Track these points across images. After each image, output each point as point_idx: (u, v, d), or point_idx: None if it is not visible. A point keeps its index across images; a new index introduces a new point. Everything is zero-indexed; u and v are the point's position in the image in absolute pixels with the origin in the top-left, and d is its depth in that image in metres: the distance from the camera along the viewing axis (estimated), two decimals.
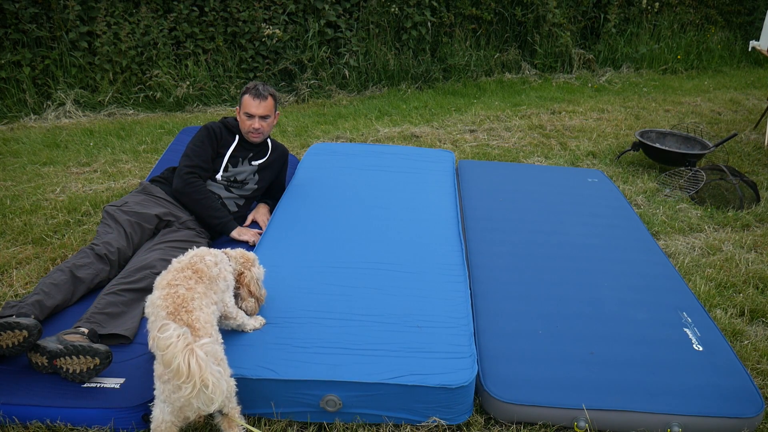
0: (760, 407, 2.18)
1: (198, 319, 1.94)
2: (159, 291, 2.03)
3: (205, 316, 1.98)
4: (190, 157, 3.12)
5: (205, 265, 2.16)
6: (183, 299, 1.98)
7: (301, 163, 4.02)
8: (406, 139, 5.48)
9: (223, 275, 2.23)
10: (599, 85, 7.54)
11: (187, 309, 1.96)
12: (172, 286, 2.02)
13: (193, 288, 2.04)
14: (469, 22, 7.63)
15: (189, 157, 3.12)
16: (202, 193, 3.08)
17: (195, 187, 3.07)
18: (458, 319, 2.46)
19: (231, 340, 2.27)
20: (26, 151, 4.92)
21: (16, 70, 5.86)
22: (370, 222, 3.22)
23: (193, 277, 2.09)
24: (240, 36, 6.58)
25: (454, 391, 2.11)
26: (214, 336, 1.96)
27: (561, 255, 3.16)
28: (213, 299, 2.10)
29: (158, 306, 1.97)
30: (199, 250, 2.26)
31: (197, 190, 3.07)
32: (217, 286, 2.17)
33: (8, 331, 2.11)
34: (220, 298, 2.17)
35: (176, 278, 2.06)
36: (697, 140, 4.85)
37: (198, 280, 2.09)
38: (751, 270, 3.33)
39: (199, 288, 2.06)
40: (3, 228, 3.57)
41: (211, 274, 2.15)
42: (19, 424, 2.10)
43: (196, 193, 3.07)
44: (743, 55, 8.83)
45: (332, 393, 2.11)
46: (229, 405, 1.96)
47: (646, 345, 2.47)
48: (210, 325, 1.97)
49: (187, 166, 3.10)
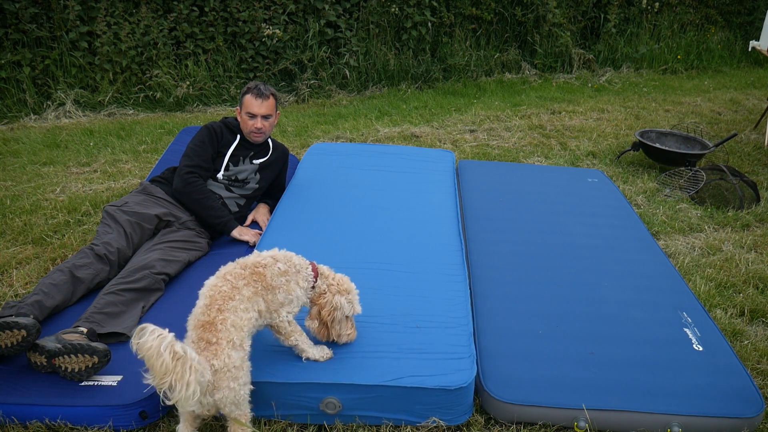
0: (760, 407, 2.18)
1: (225, 320, 1.88)
2: (215, 279, 2.01)
3: (236, 319, 1.91)
4: (191, 156, 3.12)
5: (269, 271, 2.06)
6: (222, 296, 1.94)
7: (301, 163, 4.02)
8: (406, 139, 5.48)
9: (288, 288, 2.09)
10: (599, 85, 7.54)
11: (219, 307, 1.91)
12: (223, 280, 1.99)
13: (238, 288, 1.97)
14: (469, 22, 7.62)
15: (189, 157, 3.12)
16: (202, 192, 3.08)
17: (195, 186, 3.07)
18: (458, 319, 2.46)
19: None
20: (26, 151, 4.92)
21: (16, 70, 5.86)
22: (370, 222, 3.22)
23: (247, 278, 2.01)
24: (240, 36, 6.58)
25: (453, 392, 2.11)
26: (238, 342, 1.89)
27: (561, 255, 3.16)
28: (258, 307, 2.01)
29: (203, 293, 1.97)
30: (284, 253, 2.16)
31: (197, 190, 3.07)
32: (274, 296, 2.06)
33: (7, 331, 2.11)
34: (272, 309, 2.07)
35: (233, 273, 2.02)
36: (697, 140, 4.85)
37: (249, 283, 2.00)
38: (751, 270, 3.33)
39: (246, 291, 1.98)
40: (3, 228, 3.57)
41: (270, 282, 2.05)
42: (19, 424, 2.10)
43: (196, 193, 3.07)
44: (743, 55, 8.83)
45: (332, 396, 2.11)
46: (237, 411, 1.91)
47: (646, 345, 2.47)
48: (237, 329, 1.90)
49: (188, 166, 3.09)
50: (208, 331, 1.87)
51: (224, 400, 1.86)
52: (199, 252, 3.03)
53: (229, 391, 1.85)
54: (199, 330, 1.89)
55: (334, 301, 2.18)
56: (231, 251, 3.12)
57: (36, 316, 2.35)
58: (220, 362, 1.82)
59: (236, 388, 1.87)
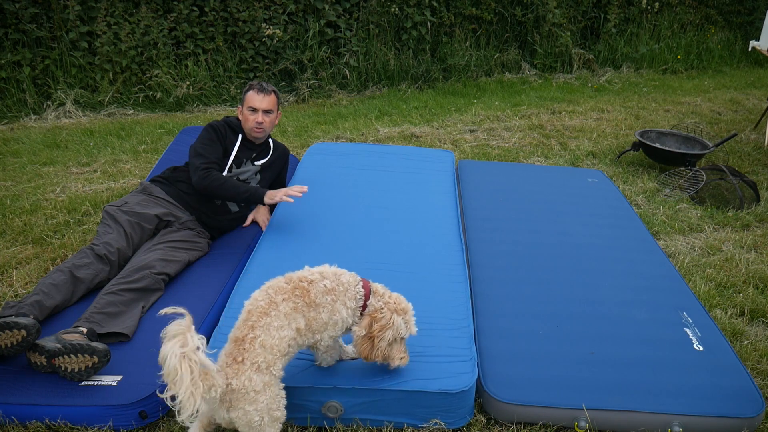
0: (760, 407, 2.18)
1: (255, 339, 1.81)
2: (258, 291, 1.94)
3: (267, 338, 1.82)
4: (204, 155, 3.10)
5: (314, 287, 1.94)
6: (257, 311, 1.86)
7: (301, 163, 4.02)
8: (406, 139, 5.47)
9: (333, 308, 1.97)
10: (599, 85, 7.54)
11: (252, 324, 1.84)
12: (264, 293, 1.91)
13: (276, 303, 1.88)
14: (469, 22, 7.62)
15: (203, 155, 3.10)
16: (221, 178, 3.07)
17: (213, 176, 3.05)
18: (458, 321, 2.45)
19: None
20: (26, 151, 4.92)
21: (16, 70, 5.86)
22: (370, 222, 3.22)
23: (288, 292, 1.91)
24: (240, 36, 6.58)
25: (455, 396, 2.11)
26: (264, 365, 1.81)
27: (561, 255, 3.15)
28: (296, 324, 1.90)
29: (245, 305, 1.91)
30: (334, 270, 2.03)
31: (217, 177, 3.05)
32: (317, 314, 1.94)
33: (7, 331, 2.11)
34: (315, 329, 1.96)
35: (275, 286, 1.93)
36: (697, 140, 4.85)
37: (289, 298, 1.90)
38: (751, 270, 3.33)
39: (283, 306, 1.88)
40: (3, 228, 3.57)
41: (313, 299, 1.93)
42: (19, 424, 2.09)
43: (216, 181, 3.04)
44: (743, 55, 8.83)
45: (334, 399, 2.10)
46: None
47: (646, 345, 2.47)
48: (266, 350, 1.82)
49: (204, 162, 3.07)
50: (238, 347, 1.83)
51: (238, 420, 1.82)
52: (199, 252, 3.03)
53: (244, 414, 1.81)
54: (232, 344, 1.85)
55: (392, 320, 2.02)
56: (231, 251, 3.12)
57: (36, 316, 2.35)
58: (239, 383, 1.78)
59: (251, 412, 1.80)
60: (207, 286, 2.78)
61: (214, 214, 3.19)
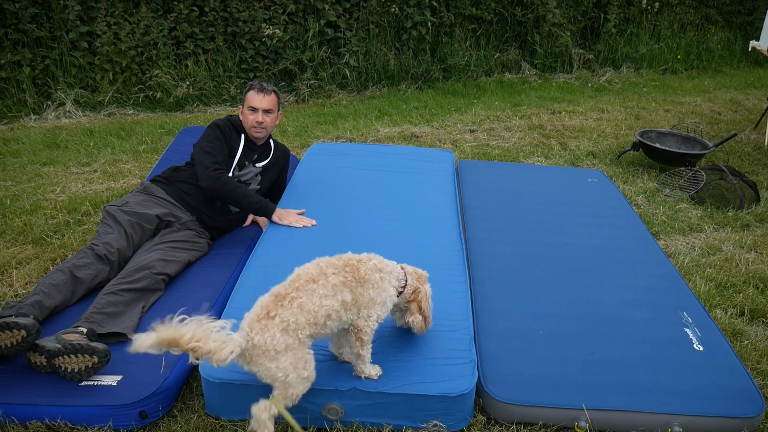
0: (760, 407, 2.18)
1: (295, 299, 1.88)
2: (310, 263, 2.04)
3: (307, 302, 1.88)
4: (213, 154, 3.09)
5: (364, 265, 2.05)
6: (306, 277, 1.94)
7: (301, 163, 4.02)
8: (406, 139, 5.47)
9: (382, 286, 2.06)
10: (599, 85, 7.54)
11: (299, 286, 1.92)
12: (315, 265, 2.01)
13: (326, 275, 1.96)
14: (469, 22, 7.62)
15: (212, 154, 3.09)
16: (233, 184, 3.07)
17: (225, 181, 3.05)
18: (458, 322, 2.45)
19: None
20: (26, 151, 4.92)
21: (16, 70, 5.86)
22: (370, 222, 3.22)
23: (339, 267, 2.00)
24: (240, 36, 6.58)
25: (455, 399, 2.11)
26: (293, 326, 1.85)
27: (561, 255, 3.15)
28: (343, 297, 1.96)
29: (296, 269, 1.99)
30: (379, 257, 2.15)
31: (228, 182, 3.05)
32: (365, 290, 2.02)
33: (6, 331, 2.11)
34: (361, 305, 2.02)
35: (326, 261, 2.03)
36: (697, 140, 4.85)
37: (340, 272, 1.99)
38: (751, 270, 3.33)
39: (333, 278, 1.96)
40: (3, 228, 3.56)
41: (362, 275, 2.02)
42: (19, 424, 2.09)
43: (227, 185, 3.04)
44: (743, 55, 8.83)
45: (334, 402, 2.10)
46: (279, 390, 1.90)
47: (646, 345, 2.47)
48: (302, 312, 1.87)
49: (214, 163, 3.06)
50: (276, 302, 1.89)
51: (261, 375, 1.87)
52: (199, 252, 3.03)
53: (265, 369, 1.85)
54: (272, 297, 1.91)
55: (427, 289, 2.24)
56: (231, 251, 3.12)
57: (36, 317, 2.35)
58: (261, 339, 1.82)
59: (272, 369, 1.84)
60: (207, 286, 2.78)
61: (215, 215, 3.19)
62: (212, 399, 2.16)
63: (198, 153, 3.11)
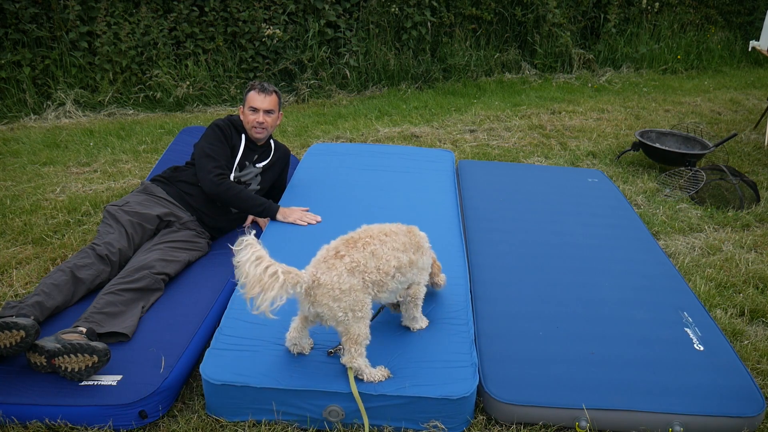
0: (761, 406, 2.18)
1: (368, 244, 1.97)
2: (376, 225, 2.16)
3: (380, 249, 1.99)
4: (215, 157, 3.09)
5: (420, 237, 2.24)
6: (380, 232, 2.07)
7: (301, 163, 4.02)
8: (406, 139, 5.47)
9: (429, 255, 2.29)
10: (599, 85, 7.54)
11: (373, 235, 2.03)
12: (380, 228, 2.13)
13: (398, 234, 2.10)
14: (469, 22, 7.62)
15: (213, 158, 3.09)
16: (235, 189, 3.08)
17: (227, 185, 3.06)
18: (459, 324, 2.45)
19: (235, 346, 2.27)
20: (26, 151, 4.92)
21: (16, 70, 5.86)
22: (370, 222, 3.20)
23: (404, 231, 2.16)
24: (240, 36, 6.58)
25: (455, 402, 2.10)
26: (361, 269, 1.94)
27: (561, 255, 3.15)
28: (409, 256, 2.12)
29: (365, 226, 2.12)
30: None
31: (231, 187, 3.06)
32: (420, 257, 2.20)
33: (6, 331, 2.11)
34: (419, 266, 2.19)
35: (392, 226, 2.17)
36: (697, 140, 4.85)
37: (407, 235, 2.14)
38: (751, 270, 3.33)
39: (403, 238, 2.11)
40: (3, 228, 3.56)
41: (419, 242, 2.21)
42: (19, 424, 2.09)
43: (230, 190, 3.06)
44: (743, 55, 8.83)
45: (335, 404, 2.10)
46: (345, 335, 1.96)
47: (646, 345, 2.47)
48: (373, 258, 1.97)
49: (216, 167, 3.07)
50: (348, 245, 1.95)
51: (324, 315, 1.91)
52: (199, 252, 3.03)
53: (329, 309, 1.89)
54: (342, 242, 1.97)
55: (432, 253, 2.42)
56: (231, 251, 3.11)
57: (36, 317, 2.35)
58: (328, 278, 1.86)
59: (335, 308, 1.89)
60: (207, 286, 2.78)
61: (215, 215, 3.19)
62: (213, 400, 2.16)
63: (199, 156, 3.11)
